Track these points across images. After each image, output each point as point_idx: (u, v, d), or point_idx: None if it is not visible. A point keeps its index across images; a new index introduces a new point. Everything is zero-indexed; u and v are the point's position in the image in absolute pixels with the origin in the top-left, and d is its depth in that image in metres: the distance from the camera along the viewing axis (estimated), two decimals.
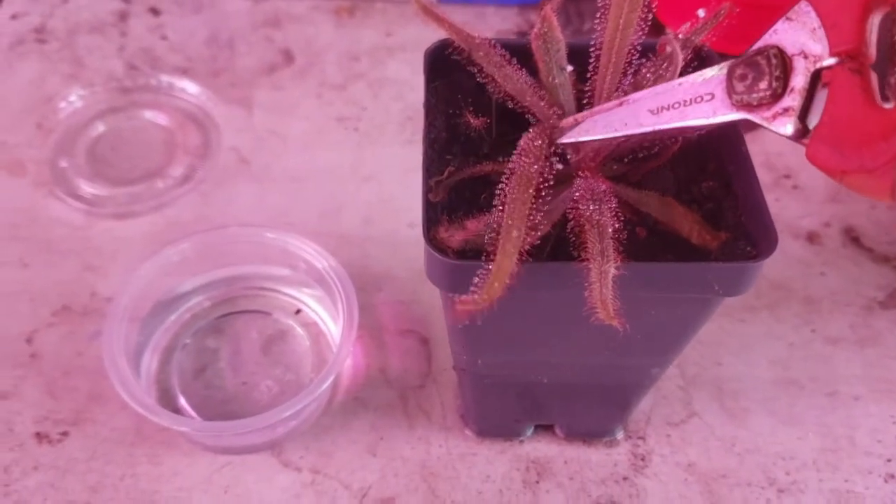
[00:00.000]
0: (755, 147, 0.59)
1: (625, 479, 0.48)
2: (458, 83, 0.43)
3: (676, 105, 0.30)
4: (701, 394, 0.51)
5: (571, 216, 0.37)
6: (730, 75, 0.28)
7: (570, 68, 0.41)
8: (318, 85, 0.66)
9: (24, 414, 0.50)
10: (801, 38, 0.25)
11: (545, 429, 0.50)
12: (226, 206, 0.59)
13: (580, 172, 0.39)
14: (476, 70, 0.41)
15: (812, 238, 0.58)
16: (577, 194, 0.37)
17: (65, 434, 0.49)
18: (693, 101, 0.29)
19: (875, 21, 0.23)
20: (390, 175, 0.61)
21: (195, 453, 0.48)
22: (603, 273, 0.34)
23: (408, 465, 0.48)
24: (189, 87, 0.64)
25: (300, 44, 0.69)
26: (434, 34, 0.69)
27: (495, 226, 0.39)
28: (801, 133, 0.25)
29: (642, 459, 0.49)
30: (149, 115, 0.63)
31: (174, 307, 0.52)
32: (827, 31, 0.24)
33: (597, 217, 0.35)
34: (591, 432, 0.49)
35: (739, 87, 0.27)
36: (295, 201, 0.59)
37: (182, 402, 0.49)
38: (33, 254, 0.56)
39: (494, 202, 0.40)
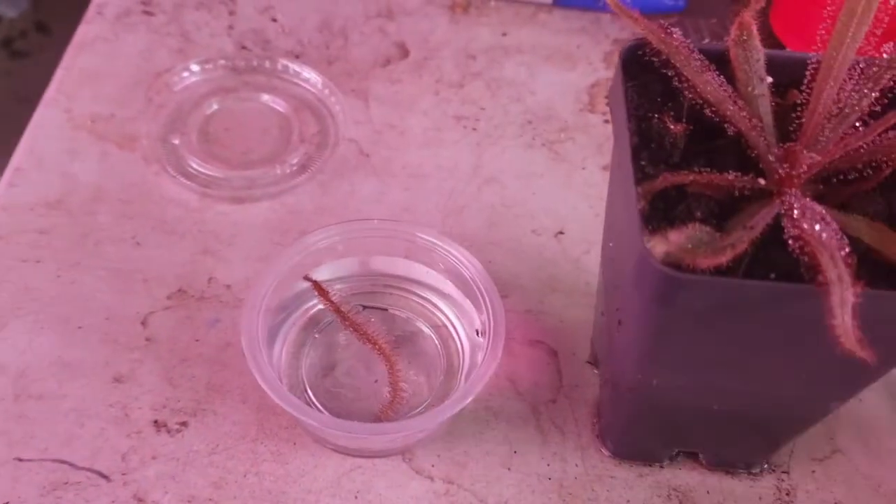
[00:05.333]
0: None
1: None
2: (645, 87, 0.41)
3: None
4: (843, 429, 0.49)
5: (788, 235, 0.35)
6: None
7: (769, 80, 0.40)
8: (434, 81, 0.64)
9: (142, 400, 0.47)
10: None
11: (686, 455, 0.48)
12: (347, 198, 0.57)
13: (786, 189, 0.37)
14: (672, 74, 0.39)
15: None
16: (797, 213, 0.35)
17: (184, 424, 0.46)
18: None
19: None
20: (512, 179, 0.59)
21: (322, 453, 0.46)
22: (843, 300, 0.32)
23: (544, 482, 0.46)
24: (305, 73, 0.61)
25: (415, 38, 0.66)
26: (551, 38, 0.68)
27: (707, 240, 0.37)
28: None
29: (787, 494, 0.47)
30: (265, 98, 0.60)
31: (304, 299, 0.49)
32: None
33: (827, 239, 0.33)
34: (737, 463, 0.47)
35: None
36: (417, 198, 0.57)
37: (311, 397, 0.47)
38: (146, 232, 0.54)
39: (696, 214, 0.39)
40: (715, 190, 0.38)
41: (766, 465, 0.47)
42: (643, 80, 0.41)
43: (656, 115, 0.39)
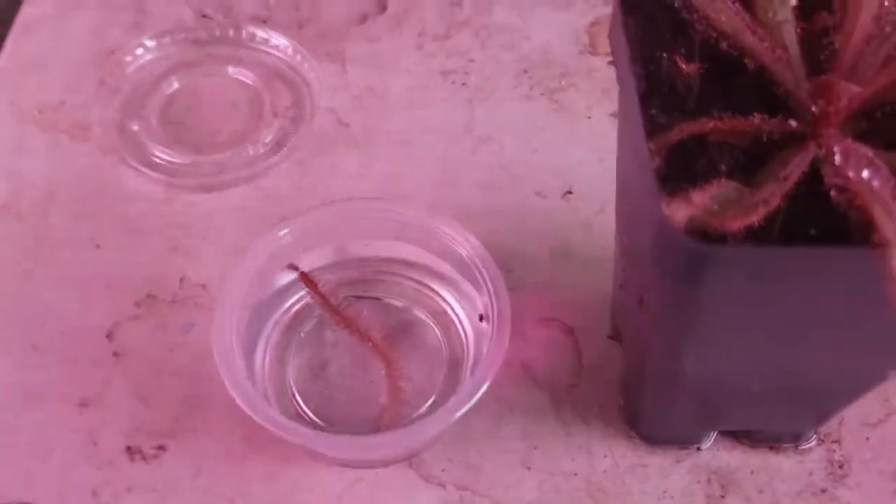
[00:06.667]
0: None
1: (823, 491, 0.41)
2: (649, 21, 0.35)
3: None
4: None
5: (830, 185, 0.29)
6: None
7: (793, 2, 0.34)
8: (416, 35, 0.58)
9: (111, 425, 0.42)
10: None
11: (724, 433, 0.42)
12: (328, 175, 0.51)
13: (823, 130, 0.32)
14: (679, 5, 0.34)
15: None
16: (838, 158, 0.29)
17: (161, 448, 0.42)
18: None
19: None
20: (509, 135, 0.53)
21: (319, 468, 0.41)
22: None
23: (570, 480, 0.41)
24: (274, 40, 0.56)
25: None
26: None
27: (734, 198, 0.32)
28: None
29: (840, 467, 0.42)
30: (231, 70, 0.55)
31: (286, 294, 0.44)
32: None
33: (879, 188, 0.27)
34: (782, 437, 0.42)
35: None
36: (404, 168, 0.52)
37: (300, 404, 0.42)
38: (106, 233, 0.49)
39: (720, 168, 0.33)
40: (739, 137, 0.33)
41: (814, 437, 0.42)
42: (646, 12, 0.35)
43: (665, 54, 0.34)
